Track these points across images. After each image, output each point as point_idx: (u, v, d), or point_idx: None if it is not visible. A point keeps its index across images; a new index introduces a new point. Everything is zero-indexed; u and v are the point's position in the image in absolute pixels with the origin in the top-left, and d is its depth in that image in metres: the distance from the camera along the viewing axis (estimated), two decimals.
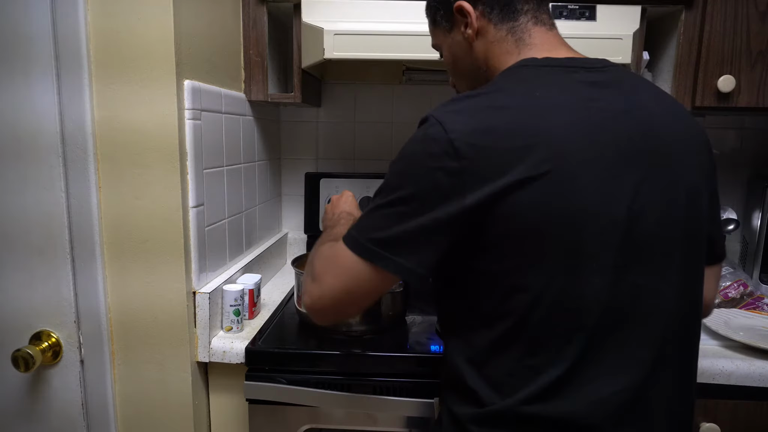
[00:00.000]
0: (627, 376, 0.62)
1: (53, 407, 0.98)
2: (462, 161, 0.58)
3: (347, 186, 1.52)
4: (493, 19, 0.71)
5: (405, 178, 0.63)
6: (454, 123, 0.60)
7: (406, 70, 1.43)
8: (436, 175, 0.59)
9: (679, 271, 0.65)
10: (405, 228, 0.61)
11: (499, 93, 0.64)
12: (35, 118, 0.89)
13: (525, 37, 0.70)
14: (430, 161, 0.60)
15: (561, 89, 0.63)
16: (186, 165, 0.95)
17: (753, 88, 1.16)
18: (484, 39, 0.73)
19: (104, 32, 0.88)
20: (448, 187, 0.59)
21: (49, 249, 0.92)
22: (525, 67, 0.67)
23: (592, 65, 0.67)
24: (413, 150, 0.63)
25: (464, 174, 0.58)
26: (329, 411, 0.98)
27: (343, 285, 0.66)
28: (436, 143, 0.60)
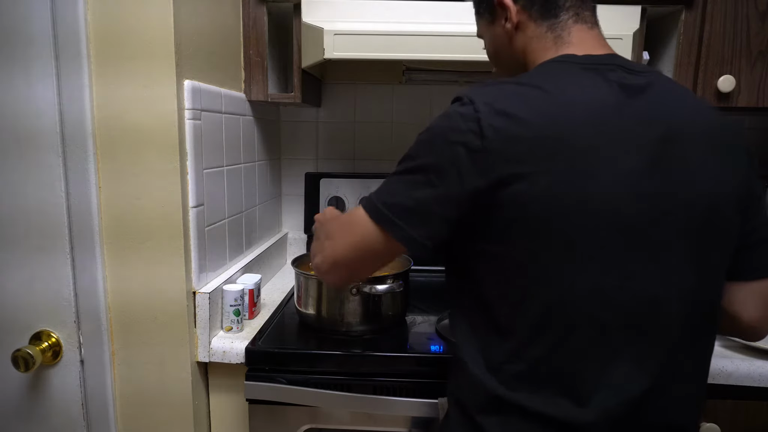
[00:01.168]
0: (633, 383, 0.62)
1: (53, 407, 0.98)
2: (485, 141, 0.59)
3: (347, 186, 1.52)
4: (533, 15, 0.71)
5: (427, 149, 0.64)
6: (485, 104, 0.61)
7: (406, 70, 1.43)
8: (456, 149, 0.60)
9: (693, 273, 0.64)
10: (418, 197, 0.63)
11: (531, 84, 0.64)
12: (35, 113, 0.89)
13: (564, 35, 0.70)
14: (454, 135, 0.61)
15: (593, 88, 0.63)
16: (186, 165, 0.95)
17: (753, 88, 1.16)
18: (523, 34, 0.73)
19: (104, 31, 0.88)
20: (466, 163, 0.60)
21: (48, 248, 0.92)
22: (561, 62, 0.67)
23: (631, 67, 0.66)
24: (440, 123, 0.64)
25: (484, 153, 0.59)
26: (329, 411, 0.98)
27: (354, 244, 0.68)
28: (463, 119, 0.61)
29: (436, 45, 1.10)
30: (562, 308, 0.61)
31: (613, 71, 0.65)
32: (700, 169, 0.63)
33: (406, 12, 1.13)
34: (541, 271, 0.60)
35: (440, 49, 1.10)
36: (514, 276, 0.62)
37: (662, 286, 0.62)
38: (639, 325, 0.62)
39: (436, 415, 0.95)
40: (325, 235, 0.73)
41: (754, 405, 0.97)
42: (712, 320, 0.68)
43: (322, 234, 0.74)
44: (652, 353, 0.63)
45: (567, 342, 0.61)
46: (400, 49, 1.10)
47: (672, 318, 0.63)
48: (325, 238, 0.72)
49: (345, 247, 0.69)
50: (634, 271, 0.61)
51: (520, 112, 0.60)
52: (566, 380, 0.62)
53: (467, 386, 0.68)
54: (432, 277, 1.49)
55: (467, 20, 1.12)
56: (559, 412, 0.62)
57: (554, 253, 0.60)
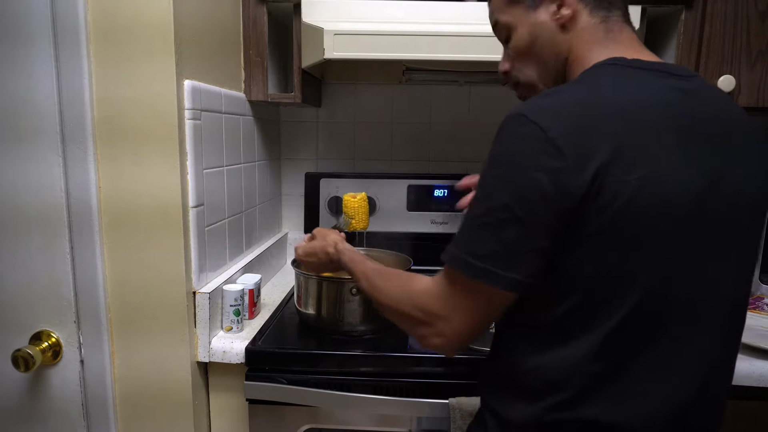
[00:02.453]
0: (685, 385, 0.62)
1: (53, 407, 0.98)
2: (564, 160, 0.56)
3: (347, 186, 1.52)
4: (589, 4, 0.68)
5: (502, 185, 0.59)
6: (550, 120, 0.57)
7: (406, 70, 1.43)
8: (536, 177, 0.56)
9: (737, 270, 0.65)
10: (508, 238, 0.59)
11: (591, 89, 0.62)
12: (34, 106, 0.89)
13: (615, 31, 0.68)
14: (529, 162, 0.57)
15: (653, 92, 0.62)
16: (186, 165, 0.95)
17: (753, 88, 1.17)
18: (575, 23, 0.69)
19: (103, 29, 0.88)
20: (551, 188, 0.56)
21: (48, 247, 0.92)
22: (615, 65, 0.65)
23: (680, 72, 0.66)
24: (508, 152, 0.60)
25: (567, 172, 0.56)
26: (329, 411, 0.98)
27: (469, 313, 0.63)
28: (533, 143, 0.57)
29: (436, 45, 1.10)
30: (641, 309, 0.60)
31: (666, 78, 0.64)
32: (746, 169, 0.64)
33: (407, 12, 1.13)
34: (627, 272, 0.59)
35: (440, 49, 1.10)
36: (598, 281, 0.60)
37: (718, 284, 0.63)
38: (697, 325, 0.62)
39: (437, 415, 0.95)
40: (426, 315, 0.66)
41: (754, 405, 0.97)
42: (743, 320, 0.69)
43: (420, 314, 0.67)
44: (702, 354, 0.63)
45: (643, 347, 0.61)
46: (400, 49, 1.10)
47: (719, 317, 0.64)
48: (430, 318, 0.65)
49: (463, 321, 0.63)
50: (702, 270, 0.61)
51: (586, 120, 0.58)
52: (628, 385, 0.61)
53: (509, 396, 0.67)
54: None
55: (467, 20, 1.12)
56: (618, 417, 0.61)
57: (641, 253, 0.59)
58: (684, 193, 0.59)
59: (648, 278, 0.59)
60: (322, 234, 1.00)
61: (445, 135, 1.60)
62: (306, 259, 1.00)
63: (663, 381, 0.61)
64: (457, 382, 0.95)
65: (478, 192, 0.62)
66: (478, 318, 0.63)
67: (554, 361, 0.62)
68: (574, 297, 0.60)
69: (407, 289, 0.70)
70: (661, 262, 0.59)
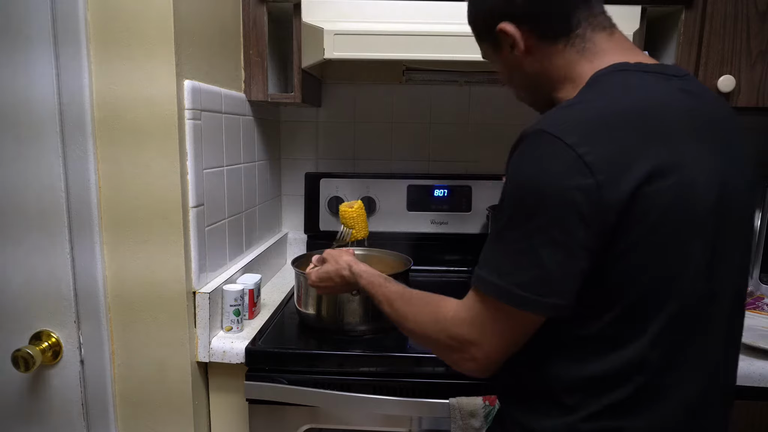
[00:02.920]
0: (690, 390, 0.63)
1: (53, 407, 0.98)
2: (597, 176, 0.54)
3: (347, 186, 1.52)
4: (543, 36, 0.67)
5: (535, 206, 0.57)
6: (576, 136, 0.56)
7: (406, 70, 1.43)
8: (571, 195, 0.55)
9: (741, 266, 0.67)
10: (547, 261, 0.57)
11: (607, 98, 0.61)
12: (33, 103, 0.89)
13: (589, 46, 0.67)
14: (561, 182, 0.55)
15: (665, 95, 0.62)
16: (186, 165, 0.95)
17: (753, 88, 1.17)
18: (534, 57, 0.69)
19: (103, 27, 0.88)
20: (587, 207, 0.55)
21: (48, 247, 0.92)
22: (622, 71, 0.64)
23: (677, 73, 0.66)
24: (535, 173, 0.58)
25: (601, 189, 0.54)
26: (329, 411, 0.98)
27: (504, 338, 0.62)
28: (561, 161, 0.55)
29: (436, 45, 1.10)
30: (682, 314, 0.60)
31: (670, 80, 0.64)
32: (741, 167, 0.65)
33: (406, 12, 1.13)
34: (668, 278, 0.59)
35: (440, 49, 1.10)
36: (640, 292, 0.59)
37: (727, 282, 0.64)
38: (711, 324, 0.63)
39: (437, 415, 0.95)
40: (458, 342, 0.64)
41: (754, 405, 0.97)
42: (743, 319, 0.70)
43: (452, 342, 0.65)
44: (711, 353, 0.64)
45: (679, 352, 0.61)
46: (400, 49, 1.10)
47: (725, 314, 0.64)
48: (462, 345, 0.64)
49: (497, 345, 0.62)
50: (719, 269, 0.62)
51: (610, 129, 0.57)
52: (662, 391, 0.61)
53: (533, 405, 0.66)
54: (432, 277, 1.49)
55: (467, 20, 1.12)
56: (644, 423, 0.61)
57: (681, 257, 0.59)
58: (709, 193, 0.59)
59: (688, 282, 0.59)
60: (333, 256, 0.95)
61: (445, 135, 1.60)
62: (320, 285, 0.95)
63: (684, 382, 0.62)
64: (457, 381, 0.95)
65: (508, 213, 0.60)
66: (511, 341, 0.62)
67: (592, 372, 0.61)
68: (615, 310, 0.59)
69: (435, 316, 0.68)
70: (698, 263, 0.59)
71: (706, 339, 0.63)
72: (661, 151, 0.56)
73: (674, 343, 0.61)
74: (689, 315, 0.61)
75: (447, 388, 0.95)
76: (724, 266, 0.63)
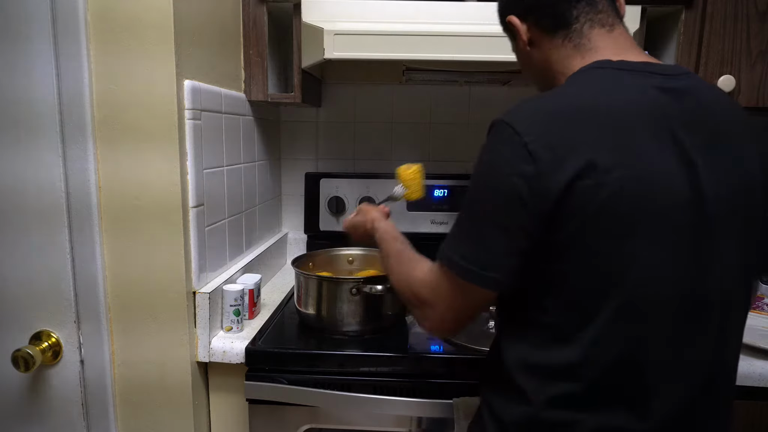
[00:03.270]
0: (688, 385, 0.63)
1: (53, 407, 0.98)
2: (538, 164, 0.58)
3: (347, 186, 1.52)
4: (545, 29, 0.71)
5: (484, 189, 0.64)
6: (524, 125, 0.60)
7: (406, 70, 1.43)
8: (513, 181, 0.59)
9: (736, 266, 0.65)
10: (490, 240, 0.63)
11: (569, 93, 0.64)
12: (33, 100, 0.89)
13: (584, 42, 0.69)
14: (506, 168, 0.60)
15: (631, 92, 0.62)
16: (186, 165, 0.95)
17: (753, 88, 1.17)
18: (539, 49, 0.73)
19: (103, 23, 0.88)
20: (527, 192, 0.58)
21: (48, 248, 0.92)
22: (599, 69, 0.66)
23: (669, 72, 0.66)
24: (488, 159, 0.63)
25: (541, 176, 0.58)
26: (329, 411, 0.98)
27: (452, 305, 0.69)
28: (509, 148, 0.60)
29: (436, 45, 1.10)
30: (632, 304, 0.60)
31: (653, 77, 0.64)
32: (742, 166, 0.64)
33: (407, 12, 1.13)
34: (613, 270, 0.60)
35: (440, 49, 1.10)
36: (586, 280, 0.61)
37: (718, 280, 0.63)
38: (692, 323, 0.62)
39: (437, 415, 0.95)
40: (419, 301, 0.73)
41: (754, 405, 0.97)
42: (743, 319, 0.69)
43: (414, 300, 0.74)
44: (702, 352, 0.63)
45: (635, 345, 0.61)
46: (400, 49, 1.10)
47: (717, 315, 0.64)
48: (422, 304, 0.72)
49: (447, 311, 0.70)
50: (697, 267, 0.61)
51: (561, 123, 0.59)
52: (627, 385, 0.62)
53: (506, 396, 0.68)
54: None
55: (467, 20, 1.12)
56: (617, 422, 0.61)
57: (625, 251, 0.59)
58: (667, 189, 0.59)
59: (636, 276, 0.59)
60: (364, 211, 1.05)
61: (445, 135, 1.60)
62: (350, 231, 1.07)
63: (656, 384, 0.61)
64: (457, 381, 0.95)
65: (467, 195, 0.66)
66: (460, 310, 0.69)
67: (550, 359, 0.63)
68: (559, 301, 0.62)
69: (408, 275, 0.78)
70: (650, 260, 0.59)
71: (683, 340, 0.61)
72: (607, 147, 0.58)
73: (633, 342, 0.60)
74: (649, 314, 0.60)
75: (447, 388, 0.95)
76: (717, 267, 0.62)
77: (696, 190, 0.60)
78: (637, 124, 0.60)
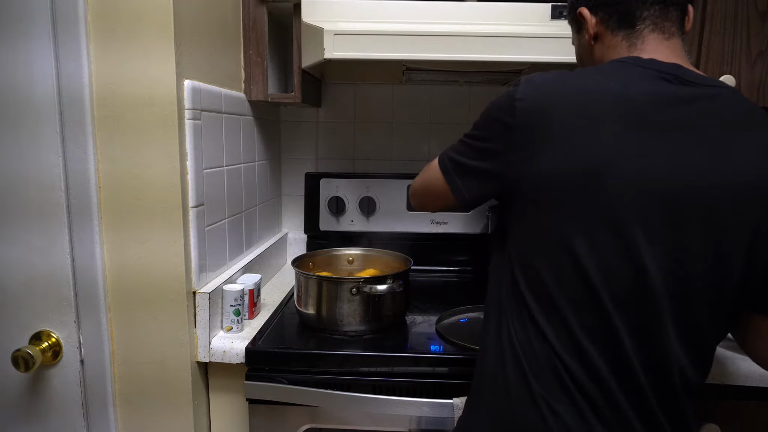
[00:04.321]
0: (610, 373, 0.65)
1: (53, 407, 0.98)
2: (515, 119, 0.66)
3: (347, 186, 1.52)
4: (610, 26, 0.74)
5: (481, 120, 0.74)
6: (525, 88, 0.67)
7: (406, 70, 1.43)
8: (494, 125, 0.70)
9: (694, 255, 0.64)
10: (467, 155, 0.75)
11: (574, 76, 0.68)
12: (33, 93, 0.89)
13: (638, 43, 0.72)
14: (495, 111, 0.70)
15: (634, 86, 0.65)
16: (186, 165, 0.95)
17: (753, 88, 1.17)
18: (601, 44, 0.76)
19: (102, 22, 0.88)
20: (500, 136, 0.68)
21: (49, 250, 0.92)
22: (620, 63, 0.70)
23: (689, 78, 0.66)
24: (495, 100, 0.72)
25: (514, 130, 0.66)
26: (329, 411, 0.98)
27: (425, 181, 0.85)
28: (505, 99, 0.69)
29: (436, 45, 1.10)
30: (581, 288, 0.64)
31: (666, 78, 0.65)
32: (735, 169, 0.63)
33: (407, 12, 1.13)
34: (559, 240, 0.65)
35: (440, 49, 1.10)
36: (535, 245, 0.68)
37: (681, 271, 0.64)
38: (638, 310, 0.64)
39: (437, 415, 0.95)
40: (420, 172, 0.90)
41: (754, 405, 0.97)
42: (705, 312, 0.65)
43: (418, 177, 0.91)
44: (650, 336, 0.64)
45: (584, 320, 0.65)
46: (400, 49, 1.10)
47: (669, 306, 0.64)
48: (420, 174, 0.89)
49: (421, 182, 0.87)
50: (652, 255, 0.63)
51: (553, 96, 0.66)
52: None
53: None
54: (432, 277, 1.49)
55: (467, 20, 1.12)
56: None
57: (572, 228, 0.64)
58: (636, 182, 0.62)
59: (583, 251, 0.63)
60: None
61: (445, 135, 1.60)
62: None
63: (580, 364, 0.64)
64: (457, 382, 0.95)
65: (476, 120, 0.75)
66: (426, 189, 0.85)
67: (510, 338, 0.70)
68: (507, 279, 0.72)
69: None
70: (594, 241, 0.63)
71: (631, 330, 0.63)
72: (573, 131, 0.63)
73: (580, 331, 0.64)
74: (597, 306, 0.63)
75: (447, 388, 0.95)
76: (685, 257, 0.62)
77: (668, 182, 0.62)
78: (619, 115, 0.63)
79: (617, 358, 0.64)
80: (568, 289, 0.65)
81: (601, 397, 0.64)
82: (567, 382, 0.64)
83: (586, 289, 0.64)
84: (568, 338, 0.65)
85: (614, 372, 0.64)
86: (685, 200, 0.62)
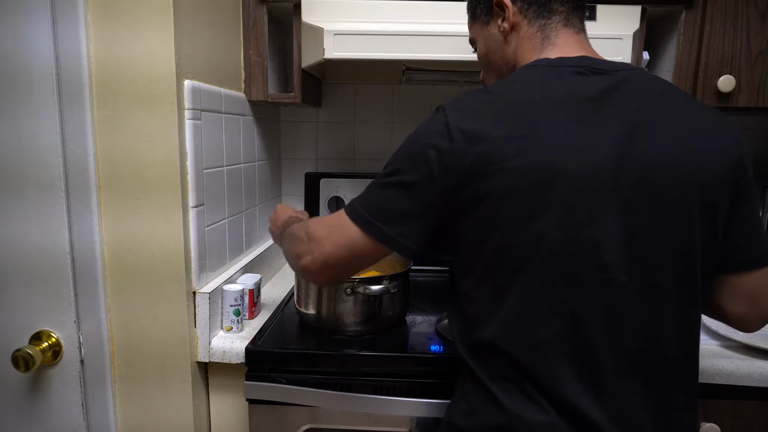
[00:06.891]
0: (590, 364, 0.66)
1: (53, 407, 0.98)
2: (452, 143, 0.64)
3: (347, 186, 1.52)
4: (528, 16, 0.75)
5: (402, 154, 0.70)
6: (453, 110, 0.67)
7: (406, 70, 1.43)
8: (428, 152, 0.66)
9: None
10: (392, 197, 0.69)
11: (499, 89, 0.69)
12: (36, 146, 0.89)
13: (552, 36, 0.74)
14: (426, 138, 0.67)
15: (553, 85, 0.67)
16: (186, 165, 0.95)
17: (753, 88, 1.16)
18: (516, 34, 0.76)
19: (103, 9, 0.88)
20: (437, 163, 0.65)
21: (49, 247, 0.92)
22: (534, 66, 0.71)
23: (600, 67, 0.69)
24: (416, 131, 0.70)
25: (454, 152, 0.64)
26: (329, 411, 0.98)
27: (341, 246, 0.72)
28: (434, 125, 0.67)
29: (436, 45, 1.10)
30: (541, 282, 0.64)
31: (580, 71, 0.68)
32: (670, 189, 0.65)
33: (406, 12, 1.13)
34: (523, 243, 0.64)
35: (440, 49, 1.10)
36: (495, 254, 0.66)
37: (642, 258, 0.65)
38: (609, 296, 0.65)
39: (437, 415, 0.95)
40: (308, 237, 0.75)
41: (754, 405, 0.97)
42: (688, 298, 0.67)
43: (304, 236, 0.76)
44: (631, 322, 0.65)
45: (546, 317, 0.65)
46: (400, 49, 1.10)
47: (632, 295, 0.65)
48: (310, 240, 0.74)
49: (333, 249, 0.72)
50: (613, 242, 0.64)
51: (483, 115, 0.65)
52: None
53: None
54: (432, 277, 1.49)
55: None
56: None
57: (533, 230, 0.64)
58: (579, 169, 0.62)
59: (544, 254, 0.63)
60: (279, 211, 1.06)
61: None
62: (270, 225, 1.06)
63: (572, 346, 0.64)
64: None
65: (389, 158, 0.73)
66: (344, 252, 0.72)
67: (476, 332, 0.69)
68: (471, 276, 0.69)
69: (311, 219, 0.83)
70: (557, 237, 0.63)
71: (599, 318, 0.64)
72: (515, 136, 0.63)
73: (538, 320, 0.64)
74: (557, 292, 0.63)
75: (447, 388, 0.95)
76: (645, 245, 0.64)
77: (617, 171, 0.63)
78: (548, 112, 0.64)
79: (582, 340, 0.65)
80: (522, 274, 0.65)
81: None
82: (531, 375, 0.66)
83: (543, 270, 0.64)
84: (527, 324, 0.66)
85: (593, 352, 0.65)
86: (629, 184, 0.63)
